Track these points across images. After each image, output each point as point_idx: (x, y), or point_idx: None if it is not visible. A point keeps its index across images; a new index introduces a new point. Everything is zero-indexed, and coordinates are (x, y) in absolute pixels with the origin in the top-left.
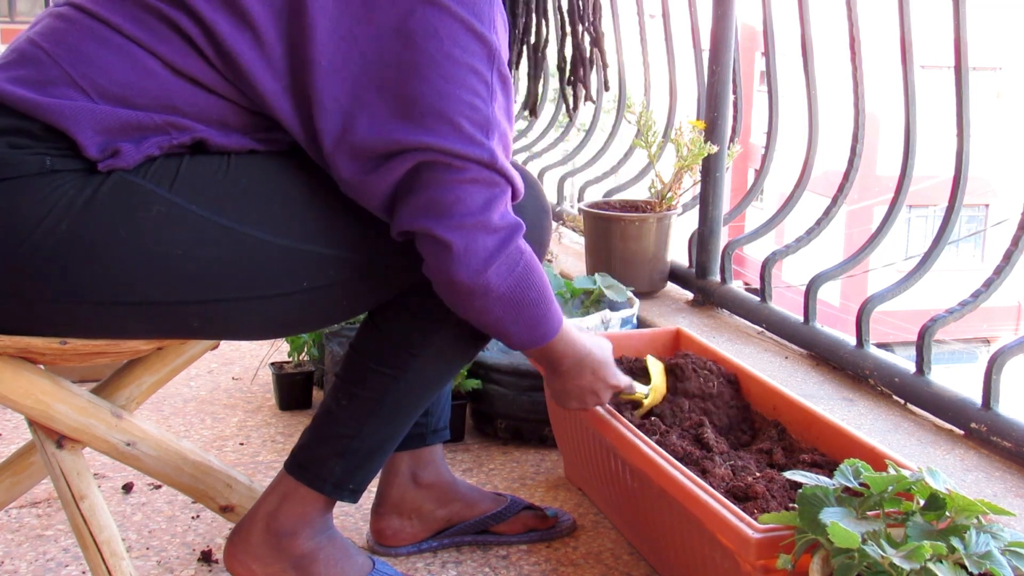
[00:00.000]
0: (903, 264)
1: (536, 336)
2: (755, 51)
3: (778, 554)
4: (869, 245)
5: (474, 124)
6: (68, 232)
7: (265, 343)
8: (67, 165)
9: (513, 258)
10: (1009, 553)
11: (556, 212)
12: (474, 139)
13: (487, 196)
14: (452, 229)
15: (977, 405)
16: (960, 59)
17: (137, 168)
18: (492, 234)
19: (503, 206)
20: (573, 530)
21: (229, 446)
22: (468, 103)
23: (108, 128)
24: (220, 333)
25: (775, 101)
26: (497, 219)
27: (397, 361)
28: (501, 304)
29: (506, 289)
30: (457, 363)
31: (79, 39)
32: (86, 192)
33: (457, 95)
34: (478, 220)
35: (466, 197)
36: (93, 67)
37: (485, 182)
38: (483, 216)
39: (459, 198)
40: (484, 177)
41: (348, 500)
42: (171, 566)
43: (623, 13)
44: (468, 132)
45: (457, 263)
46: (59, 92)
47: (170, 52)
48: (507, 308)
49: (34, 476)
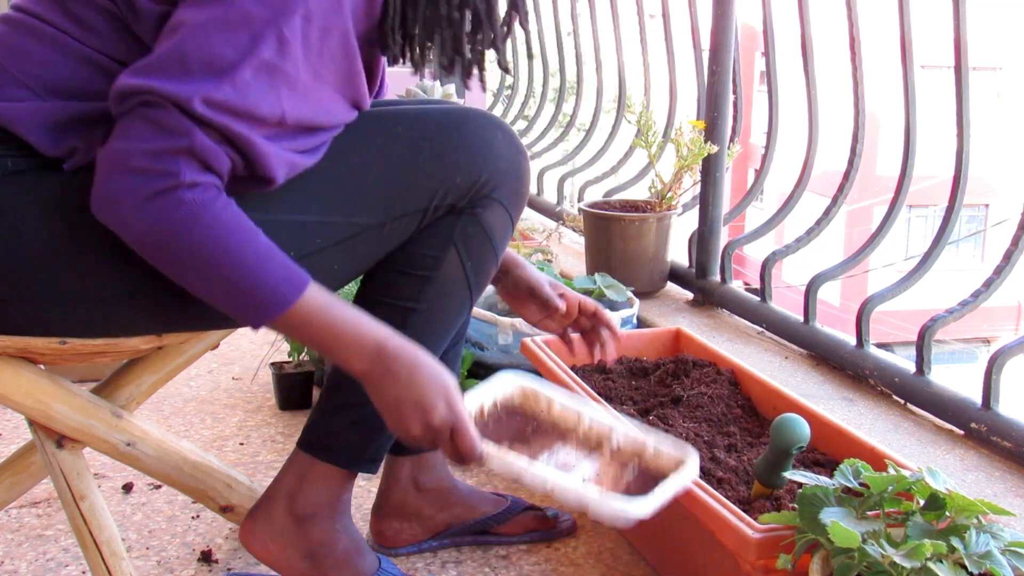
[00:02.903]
0: (903, 264)
1: (244, 313)
2: (755, 51)
3: (778, 554)
4: (869, 245)
5: (199, 64)
6: (51, 232)
7: (265, 343)
8: (29, 164)
9: (167, 204)
10: (1009, 553)
11: (556, 212)
12: (186, 78)
13: (158, 143)
14: (103, 154)
15: (977, 405)
16: (960, 59)
17: None
18: (131, 176)
19: (168, 155)
20: (573, 530)
21: (229, 446)
22: (211, 47)
23: (56, 123)
24: (217, 317)
25: (775, 101)
26: (145, 162)
27: (396, 319)
28: (158, 257)
29: (154, 238)
30: (459, 312)
31: (16, 37)
32: (57, 190)
33: (207, 40)
34: (119, 156)
35: (131, 132)
36: (32, 63)
37: (163, 126)
38: (127, 155)
39: (125, 131)
40: (167, 121)
41: (367, 471)
42: (171, 566)
43: (623, 13)
44: (184, 70)
45: (103, 174)
46: (7, 93)
47: (97, 39)
48: (173, 266)
49: (34, 476)
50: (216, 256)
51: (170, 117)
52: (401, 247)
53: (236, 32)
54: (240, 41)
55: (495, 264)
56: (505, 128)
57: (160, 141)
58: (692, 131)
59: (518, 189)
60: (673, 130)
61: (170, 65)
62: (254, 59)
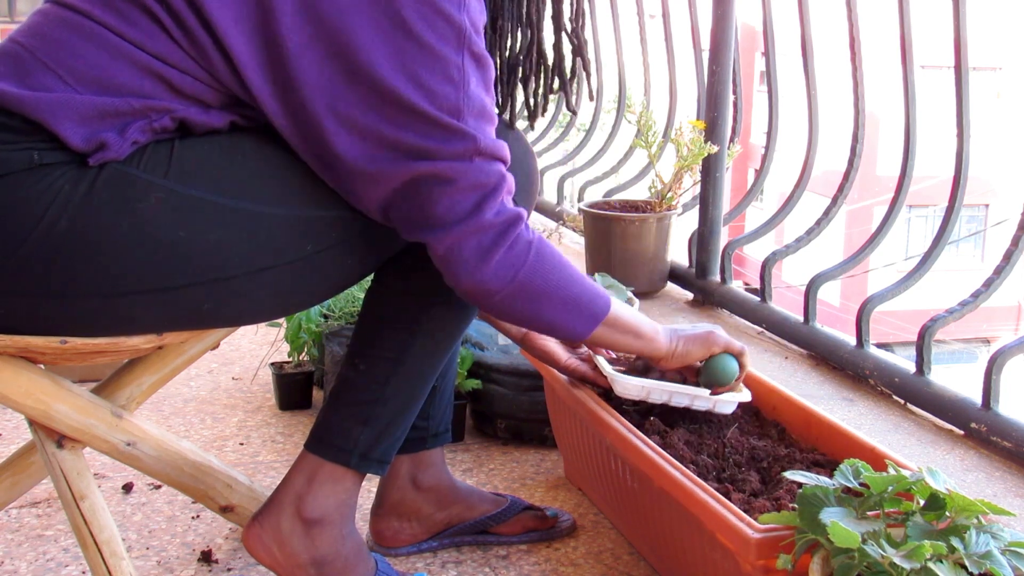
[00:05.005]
0: (903, 264)
1: (582, 322)
2: (755, 51)
3: (778, 554)
4: (869, 245)
5: (446, 111)
6: (68, 227)
7: (265, 343)
8: (56, 158)
9: (518, 252)
10: (1009, 553)
11: (556, 212)
12: (450, 128)
13: (478, 197)
14: (446, 237)
15: (977, 405)
16: (960, 59)
17: (130, 158)
18: (485, 232)
19: (497, 202)
20: (573, 530)
21: (229, 446)
22: (439, 91)
23: (87, 117)
24: (231, 315)
25: (775, 101)
26: (491, 216)
27: (411, 315)
28: (523, 300)
29: (518, 285)
30: (472, 309)
31: (51, 28)
32: (82, 186)
33: (426, 82)
34: (470, 223)
35: (455, 205)
36: (65, 51)
37: (474, 185)
38: (475, 218)
39: (450, 206)
40: (473, 180)
41: (376, 472)
42: (171, 566)
43: (623, 13)
44: (444, 122)
45: (458, 269)
46: (37, 82)
47: (138, 34)
48: (534, 302)
49: (34, 476)
50: (565, 277)
51: (472, 170)
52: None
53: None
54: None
55: None
56: (515, 128)
57: (478, 197)
58: (692, 131)
59: (528, 188)
60: (673, 130)
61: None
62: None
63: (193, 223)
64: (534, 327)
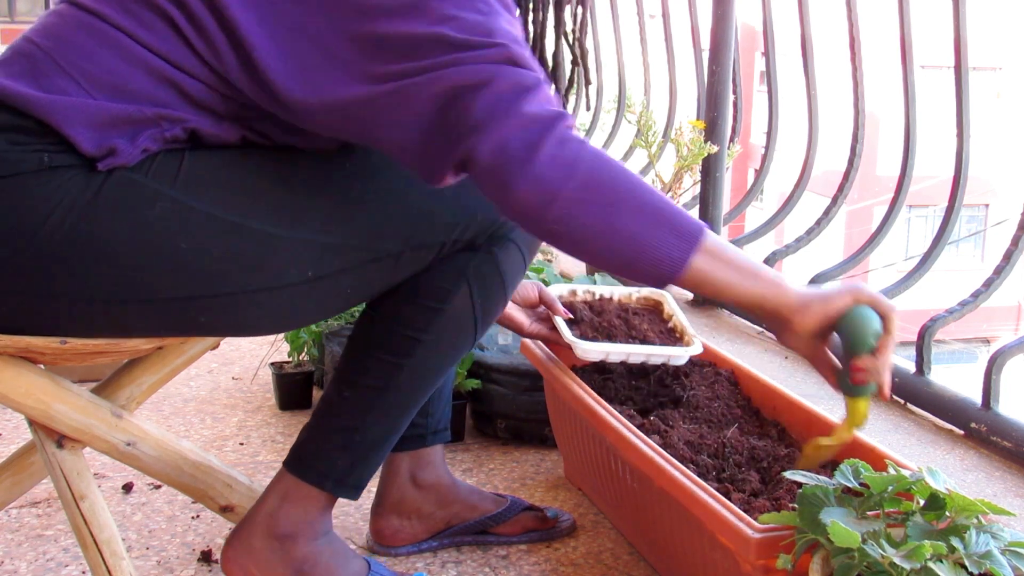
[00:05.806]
0: (903, 264)
1: (675, 241)
2: (755, 51)
3: (778, 554)
4: (869, 245)
5: (477, 33)
6: (73, 230)
7: (265, 343)
8: (66, 161)
9: (572, 146)
10: (1009, 553)
11: None
12: (480, 41)
13: (516, 94)
14: (489, 138)
15: (977, 405)
16: (960, 59)
17: (139, 165)
18: (530, 126)
19: (538, 100)
20: (573, 530)
21: (229, 446)
22: (467, 18)
23: (99, 123)
24: (226, 328)
25: (775, 101)
26: (534, 109)
27: (400, 347)
28: (593, 205)
29: (582, 183)
30: (461, 347)
31: (68, 30)
32: (89, 191)
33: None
34: (511, 117)
35: (495, 103)
36: (81, 55)
37: (511, 86)
38: (516, 112)
39: (488, 105)
40: (509, 80)
41: (350, 497)
42: (171, 566)
43: (623, 13)
44: (474, 41)
45: (508, 170)
46: (51, 84)
47: (152, 38)
48: (608, 209)
49: (34, 476)
50: (637, 182)
51: (507, 71)
52: (414, 276)
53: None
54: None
55: (503, 305)
56: None
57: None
58: (692, 131)
59: (535, 236)
60: (673, 130)
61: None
62: None
63: (196, 235)
64: (613, 255)
